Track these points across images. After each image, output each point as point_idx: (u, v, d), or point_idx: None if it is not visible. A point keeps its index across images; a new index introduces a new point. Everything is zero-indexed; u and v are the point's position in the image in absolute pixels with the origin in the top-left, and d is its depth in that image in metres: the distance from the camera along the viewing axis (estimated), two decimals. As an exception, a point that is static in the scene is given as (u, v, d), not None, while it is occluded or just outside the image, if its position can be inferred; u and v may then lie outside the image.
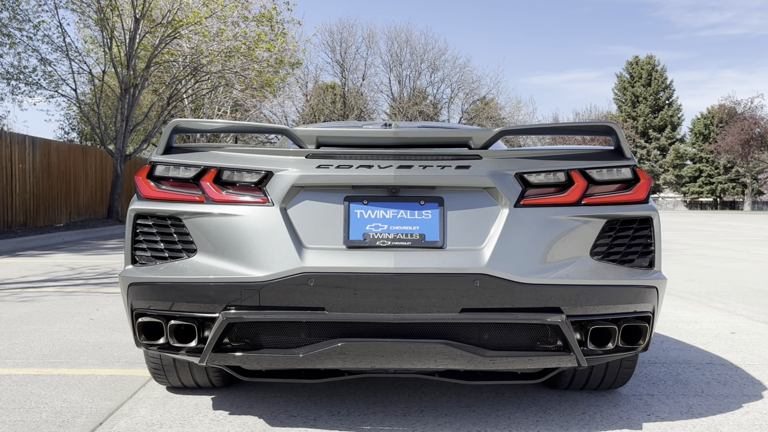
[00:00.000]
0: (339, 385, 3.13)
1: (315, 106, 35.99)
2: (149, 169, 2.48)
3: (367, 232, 2.32)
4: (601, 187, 2.43)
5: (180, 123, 2.50)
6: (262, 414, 2.74)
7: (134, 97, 18.10)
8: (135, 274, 2.39)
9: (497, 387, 3.11)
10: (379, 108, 39.59)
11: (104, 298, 5.78)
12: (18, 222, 15.12)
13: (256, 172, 2.39)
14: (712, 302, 5.85)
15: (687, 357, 3.79)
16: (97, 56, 20.06)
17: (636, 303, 2.36)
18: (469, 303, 2.24)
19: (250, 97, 24.43)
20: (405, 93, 38.55)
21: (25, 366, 3.52)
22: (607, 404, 2.90)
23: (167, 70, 19.98)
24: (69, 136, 30.61)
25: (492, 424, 2.63)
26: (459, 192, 2.37)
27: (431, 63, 38.81)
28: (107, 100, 22.95)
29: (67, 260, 9.26)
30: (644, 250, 2.44)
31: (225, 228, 2.34)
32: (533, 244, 2.31)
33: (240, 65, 19.28)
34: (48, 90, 18.12)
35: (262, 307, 2.28)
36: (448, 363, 2.32)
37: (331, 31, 38.63)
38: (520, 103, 45.62)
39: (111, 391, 3.07)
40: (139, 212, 2.44)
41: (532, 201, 2.36)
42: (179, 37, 18.28)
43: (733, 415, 2.77)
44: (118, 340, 4.13)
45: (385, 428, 2.58)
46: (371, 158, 2.37)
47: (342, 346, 2.25)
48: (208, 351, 2.31)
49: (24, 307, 5.33)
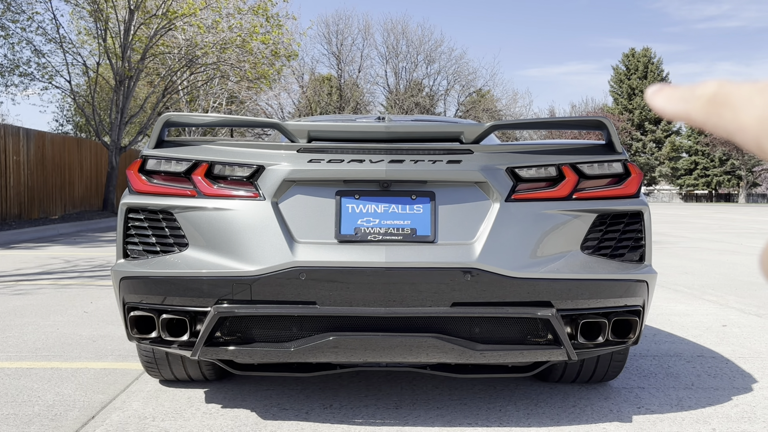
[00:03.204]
0: (331, 379, 3.14)
1: (311, 98, 35.91)
2: (141, 163, 2.48)
3: (359, 227, 2.32)
4: (592, 182, 2.44)
5: (171, 117, 2.49)
6: (254, 407, 2.75)
7: (129, 89, 18.02)
8: (127, 268, 2.39)
9: (489, 380, 3.13)
10: (376, 100, 39.54)
11: (99, 291, 5.78)
12: (13, 214, 15.08)
13: (247, 166, 2.39)
14: (704, 295, 5.88)
15: (678, 350, 3.81)
16: (92, 48, 19.96)
17: (626, 297, 2.37)
18: (460, 297, 2.26)
19: (246, 89, 24.35)
20: (401, 85, 38.49)
21: (18, 359, 3.52)
22: (598, 397, 2.92)
23: (162, 61, 19.89)
24: (64, 128, 30.50)
25: (483, 417, 2.65)
26: (450, 186, 2.38)
27: (427, 55, 38.74)
28: (102, 92, 22.86)
29: (62, 253, 9.25)
30: (635, 245, 2.45)
31: (217, 222, 2.34)
32: (524, 238, 2.32)
33: (235, 57, 19.21)
34: (42, 82, 18.04)
35: (254, 301, 2.28)
36: (439, 357, 2.33)
37: (327, 23, 38.49)
38: (517, 95, 45.58)
39: (104, 384, 3.08)
40: (131, 206, 2.44)
41: (523, 195, 2.37)
42: (174, 29, 18.19)
43: (723, 408, 2.79)
44: (112, 333, 4.14)
45: (377, 421, 2.60)
46: (363, 153, 2.37)
47: (334, 340, 2.26)
48: (200, 345, 2.32)
49: (18, 299, 5.33)
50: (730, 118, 0.28)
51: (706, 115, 0.30)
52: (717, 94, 0.29)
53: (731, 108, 0.28)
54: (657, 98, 0.32)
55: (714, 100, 0.29)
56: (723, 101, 0.29)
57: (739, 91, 0.28)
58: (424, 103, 36.93)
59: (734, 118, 0.28)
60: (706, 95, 0.30)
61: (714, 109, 0.29)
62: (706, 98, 0.30)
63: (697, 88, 0.30)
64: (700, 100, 0.30)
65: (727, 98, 0.29)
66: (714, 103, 0.29)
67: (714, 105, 0.29)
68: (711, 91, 0.30)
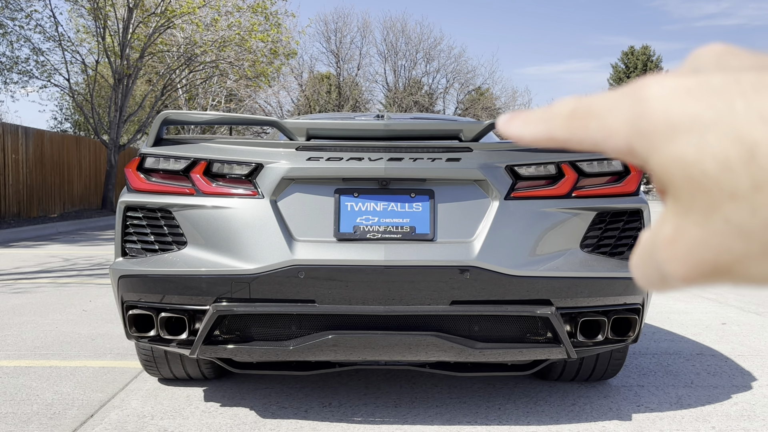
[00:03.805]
0: (330, 377, 3.14)
1: (310, 96, 35.87)
2: (139, 161, 2.47)
3: (358, 225, 2.32)
4: (591, 180, 2.44)
5: (170, 115, 2.49)
6: (253, 405, 2.75)
7: (128, 87, 17.99)
8: (125, 267, 2.39)
9: (488, 378, 3.12)
10: (375, 98, 39.48)
11: (97, 290, 5.77)
12: (11, 213, 15.06)
13: (246, 164, 2.39)
14: (703, 293, 5.88)
15: (677, 348, 3.81)
16: (90, 46, 19.91)
17: (626, 295, 2.37)
18: (460, 295, 2.25)
19: (245, 87, 24.32)
20: (400, 83, 38.45)
21: (16, 358, 3.52)
22: (597, 395, 2.91)
23: (161, 60, 19.86)
24: (62, 126, 30.46)
25: (483, 416, 2.64)
26: (449, 184, 2.37)
27: (426, 53, 38.68)
28: (101, 90, 22.81)
29: (60, 251, 9.24)
30: (634, 243, 2.44)
31: (215, 220, 2.34)
32: (523, 236, 2.31)
33: (234, 55, 19.19)
34: (41, 80, 18.00)
35: (253, 299, 2.28)
36: (438, 355, 2.33)
37: (326, 21, 38.41)
38: (516, 93, 45.38)
39: (103, 382, 3.07)
40: (129, 204, 2.43)
41: (522, 193, 2.37)
42: (173, 27, 18.16)
43: (722, 406, 2.79)
44: (111, 331, 4.13)
45: (376, 419, 2.59)
46: (362, 151, 2.36)
47: (333, 339, 2.26)
48: (199, 343, 2.31)
49: (17, 298, 5.32)
50: (596, 126, 0.28)
51: (569, 130, 0.29)
52: (577, 108, 0.29)
53: (596, 117, 0.28)
54: (512, 125, 0.31)
55: (575, 114, 0.29)
56: (586, 113, 0.29)
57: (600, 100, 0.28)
58: (423, 102, 36.90)
59: (601, 125, 0.28)
60: (566, 111, 0.29)
61: (577, 122, 0.29)
62: (567, 113, 0.29)
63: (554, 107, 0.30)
64: (560, 117, 0.30)
65: (589, 109, 0.29)
66: (576, 117, 0.29)
67: (576, 118, 0.29)
68: (570, 107, 0.29)
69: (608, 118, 0.28)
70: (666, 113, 0.26)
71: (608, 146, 0.28)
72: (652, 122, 0.26)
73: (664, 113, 0.26)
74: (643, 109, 0.26)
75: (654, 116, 0.26)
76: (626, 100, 0.27)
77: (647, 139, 0.26)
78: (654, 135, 0.26)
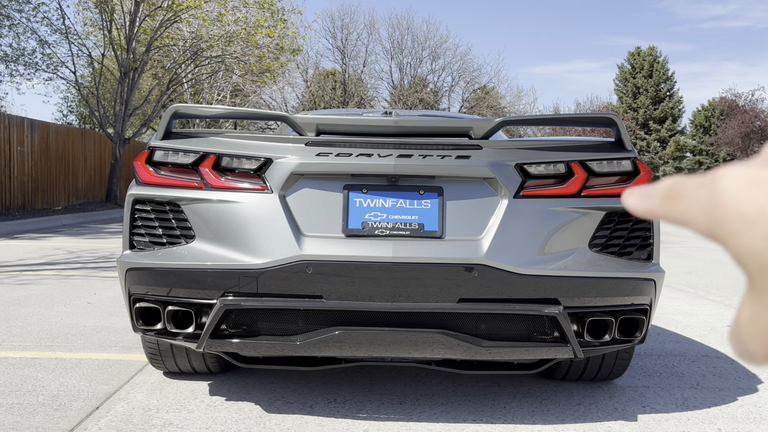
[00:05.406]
0: (336, 373, 3.14)
1: (315, 92, 35.86)
2: (148, 154, 2.47)
3: (366, 221, 2.31)
4: (601, 179, 2.43)
5: (179, 108, 2.48)
6: (258, 400, 2.75)
7: (134, 81, 18.01)
8: (133, 260, 2.39)
9: (494, 377, 3.12)
10: (380, 95, 39.46)
11: (102, 282, 5.78)
12: (16, 204, 15.10)
13: (255, 158, 2.38)
14: (709, 295, 5.87)
15: (683, 349, 3.80)
16: (97, 39, 19.91)
17: (633, 295, 2.36)
18: (467, 293, 2.25)
19: (250, 83, 24.31)
20: (406, 80, 38.41)
21: (22, 349, 3.52)
22: (603, 395, 2.91)
23: (167, 53, 19.87)
24: (68, 119, 30.48)
25: (488, 414, 2.64)
26: (459, 182, 2.36)
27: (432, 51, 38.63)
28: (106, 84, 22.84)
29: (65, 243, 9.26)
30: (643, 243, 2.43)
31: (223, 214, 2.34)
32: (532, 235, 2.31)
33: (240, 50, 19.18)
34: (47, 72, 18.03)
35: (260, 294, 2.28)
36: (444, 352, 2.32)
37: (333, 17, 38.42)
38: (521, 92, 45.31)
39: (108, 375, 3.08)
40: (138, 197, 2.43)
41: (531, 192, 2.36)
42: (179, 21, 18.15)
43: (728, 408, 2.78)
44: (116, 324, 4.14)
45: (381, 416, 2.59)
46: (371, 147, 2.36)
47: (339, 335, 2.26)
48: (206, 337, 2.31)
49: (22, 290, 5.33)
50: (683, 209, 0.32)
51: (664, 209, 0.33)
52: (671, 189, 0.33)
53: (683, 200, 0.32)
54: (629, 198, 0.36)
55: (669, 194, 0.33)
56: (677, 195, 0.32)
57: (687, 185, 0.32)
58: (428, 99, 36.84)
59: (686, 209, 0.31)
60: (663, 191, 0.33)
61: (670, 203, 0.33)
62: (663, 194, 0.33)
63: (657, 185, 0.34)
64: (659, 196, 0.33)
65: (680, 192, 0.32)
66: (669, 198, 0.33)
67: (669, 199, 0.33)
68: (667, 187, 0.33)
69: (691, 204, 0.31)
70: (736, 205, 0.28)
71: (692, 227, 0.31)
72: (724, 213, 0.29)
73: (734, 205, 0.28)
74: (717, 200, 0.29)
75: (725, 207, 0.29)
76: (705, 189, 0.30)
77: (721, 228, 0.29)
78: (726, 225, 0.29)
